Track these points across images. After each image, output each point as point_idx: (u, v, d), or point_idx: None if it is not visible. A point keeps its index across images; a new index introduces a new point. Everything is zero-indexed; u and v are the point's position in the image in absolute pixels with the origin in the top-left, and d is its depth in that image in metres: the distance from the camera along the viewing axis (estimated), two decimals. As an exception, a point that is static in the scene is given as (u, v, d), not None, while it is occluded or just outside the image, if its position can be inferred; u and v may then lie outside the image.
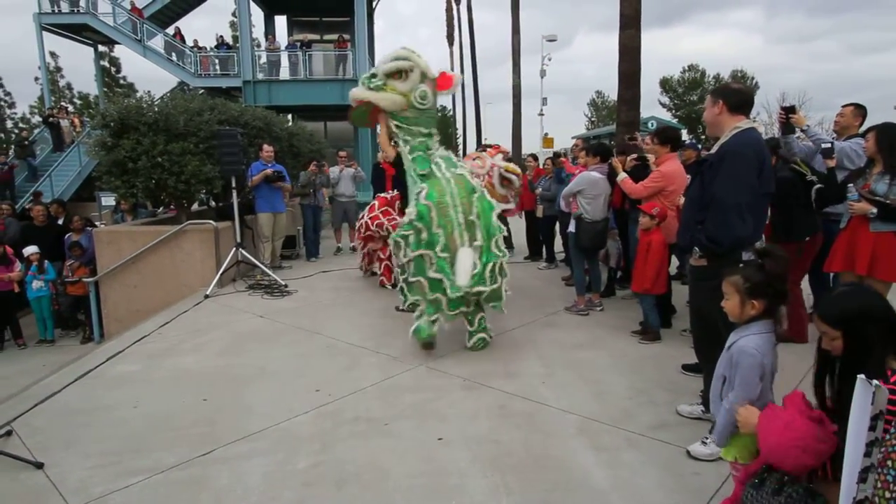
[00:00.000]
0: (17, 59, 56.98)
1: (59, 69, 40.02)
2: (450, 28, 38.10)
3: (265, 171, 7.77)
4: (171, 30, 19.51)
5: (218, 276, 6.83)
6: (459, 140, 37.56)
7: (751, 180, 2.85)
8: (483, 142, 25.02)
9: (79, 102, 40.72)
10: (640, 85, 9.87)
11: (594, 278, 5.69)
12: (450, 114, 47.09)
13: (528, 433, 3.17)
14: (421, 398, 3.65)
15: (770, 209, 4.05)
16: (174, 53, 18.76)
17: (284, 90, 18.76)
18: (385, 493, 2.65)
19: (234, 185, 7.19)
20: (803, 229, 4.37)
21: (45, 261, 7.53)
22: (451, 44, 38.42)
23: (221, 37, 20.48)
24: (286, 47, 19.58)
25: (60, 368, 4.59)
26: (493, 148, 6.17)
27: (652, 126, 19.36)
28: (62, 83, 40.87)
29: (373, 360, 4.37)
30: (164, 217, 9.11)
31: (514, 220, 8.92)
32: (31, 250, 7.45)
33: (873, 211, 3.56)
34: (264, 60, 19.13)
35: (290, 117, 17.55)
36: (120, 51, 28.49)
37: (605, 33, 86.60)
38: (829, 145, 4.14)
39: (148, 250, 7.03)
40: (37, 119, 35.60)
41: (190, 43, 19.35)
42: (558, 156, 7.62)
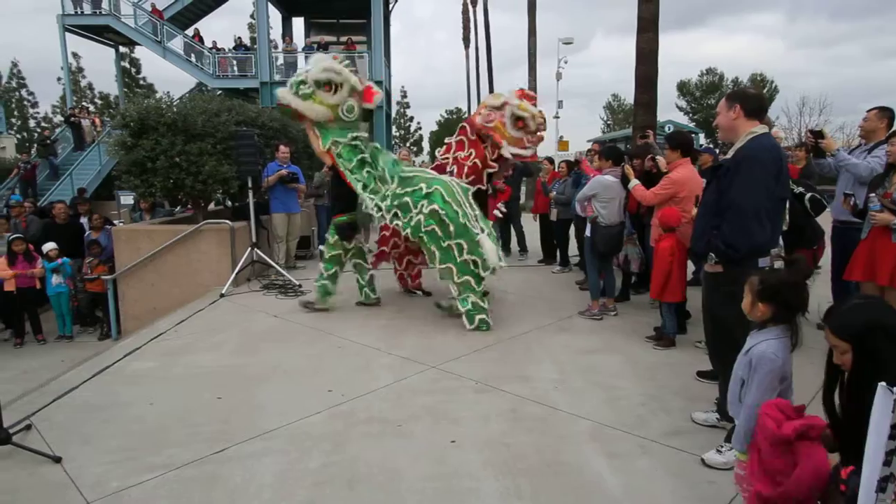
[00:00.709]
0: (40, 60, 58.26)
1: (80, 69, 40.77)
2: (466, 30, 38.12)
3: (280, 172, 7.83)
4: (190, 31, 19.79)
5: (233, 275, 6.89)
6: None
7: (768, 185, 2.82)
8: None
9: (99, 102, 41.42)
10: (657, 88, 9.79)
11: (609, 283, 5.65)
12: (465, 116, 47.14)
13: (540, 437, 3.16)
14: (433, 400, 3.65)
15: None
16: (193, 55, 19.02)
17: (301, 91, 18.86)
18: (397, 494, 2.66)
19: (250, 185, 7.26)
20: (812, 238, 4.34)
21: (63, 257, 7.66)
22: (466, 46, 38.46)
23: (239, 38, 20.74)
24: (303, 49, 19.77)
25: (79, 364, 4.67)
26: (518, 91, 5.75)
27: (669, 130, 19.22)
28: (84, 83, 41.63)
29: (385, 361, 4.38)
30: (182, 216, 9.23)
31: (528, 223, 8.92)
32: (49, 246, 7.58)
33: (895, 222, 3.51)
34: (281, 62, 19.31)
35: (307, 118, 17.67)
36: (140, 52, 28.96)
37: (623, 36, 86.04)
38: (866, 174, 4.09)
39: (165, 249, 7.12)
40: (59, 118, 36.26)
41: (208, 44, 19.61)
42: (577, 162, 7.61)
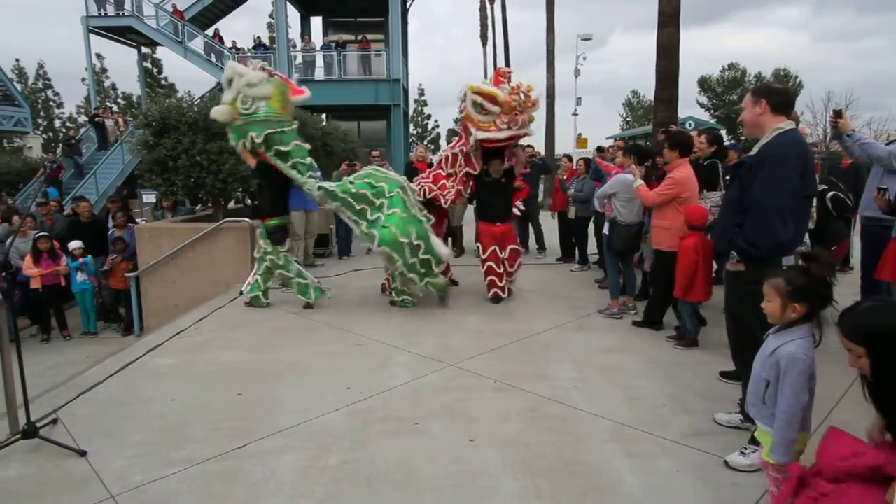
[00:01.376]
0: (65, 61, 59.47)
1: (104, 70, 41.47)
2: (483, 27, 37.97)
3: None
4: (210, 31, 20.04)
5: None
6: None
7: (793, 183, 2.76)
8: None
9: (122, 102, 42.10)
10: (678, 84, 9.67)
11: (628, 281, 5.59)
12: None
13: (559, 437, 3.13)
14: (451, 398, 3.64)
15: None
16: (213, 54, 19.24)
17: (319, 90, 18.99)
18: (415, 492, 2.66)
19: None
20: (833, 236, 4.25)
21: (88, 255, 7.80)
22: (484, 44, 38.27)
23: (259, 38, 20.94)
24: (321, 48, 19.87)
25: (103, 360, 4.75)
26: (495, 73, 5.61)
27: (690, 126, 18.95)
28: (107, 84, 42.34)
29: (403, 359, 4.39)
30: (202, 214, 9.34)
31: (546, 220, 8.87)
32: (75, 245, 7.72)
33: None
34: (300, 61, 19.46)
35: (324, 117, 17.78)
36: (162, 52, 29.35)
37: (642, 32, 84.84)
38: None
39: (186, 247, 7.21)
40: (83, 118, 36.96)
41: (228, 44, 19.82)
42: (602, 150, 7.53)
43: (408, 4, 22.42)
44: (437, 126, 50.70)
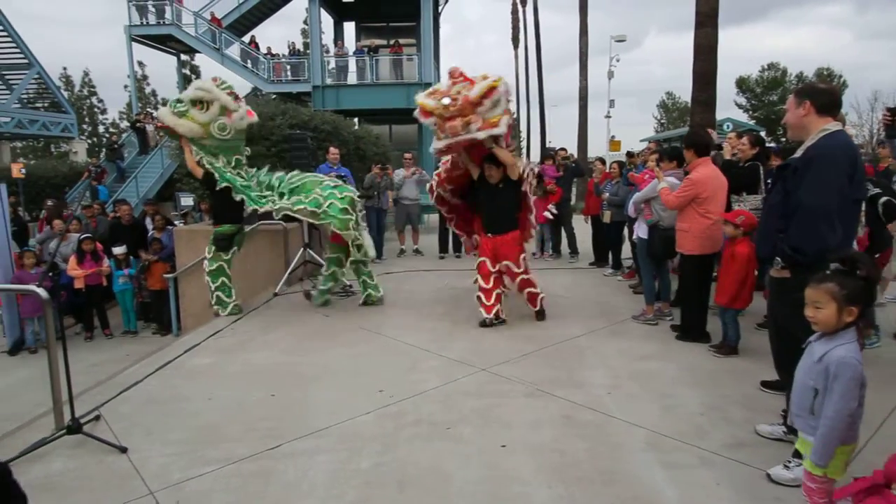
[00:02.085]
0: (109, 68, 61.63)
1: (145, 77, 42.81)
2: (515, 30, 37.96)
3: (329, 176, 7.97)
4: (246, 38, 20.48)
5: (286, 275, 7.05)
6: (523, 143, 37.23)
7: (841, 186, 2.65)
8: (548, 144, 24.73)
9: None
10: (716, 85, 9.44)
11: (664, 286, 5.47)
12: (514, 117, 46.77)
13: (593, 445, 3.07)
14: (483, 403, 3.62)
15: None
16: (249, 60, 19.67)
17: (352, 94, 19.26)
18: (447, 497, 2.64)
19: (303, 186, 7.42)
20: (881, 243, 4.05)
21: (130, 257, 8.04)
22: (515, 46, 38.28)
23: (293, 43, 21.30)
24: (354, 53, 20.11)
25: (143, 359, 4.87)
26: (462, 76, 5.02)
27: (728, 128, 18.50)
28: (148, 90, 43.70)
29: (434, 363, 4.38)
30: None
31: (580, 224, 8.76)
32: (119, 250, 7.96)
33: None
34: (333, 66, 19.71)
35: (357, 121, 18.00)
36: (200, 59, 30.11)
37: (679, 32, 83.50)
38: None
39: (222, 249, 7.33)
40: (125, 124, 38.22)
41: (263, 50, 20.23)
42: (631, 155, 7.41)
43: (440, 9, 22.52)
44: (468, 129, 50.57)
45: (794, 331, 2.63)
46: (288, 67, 20.09)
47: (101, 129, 45.36)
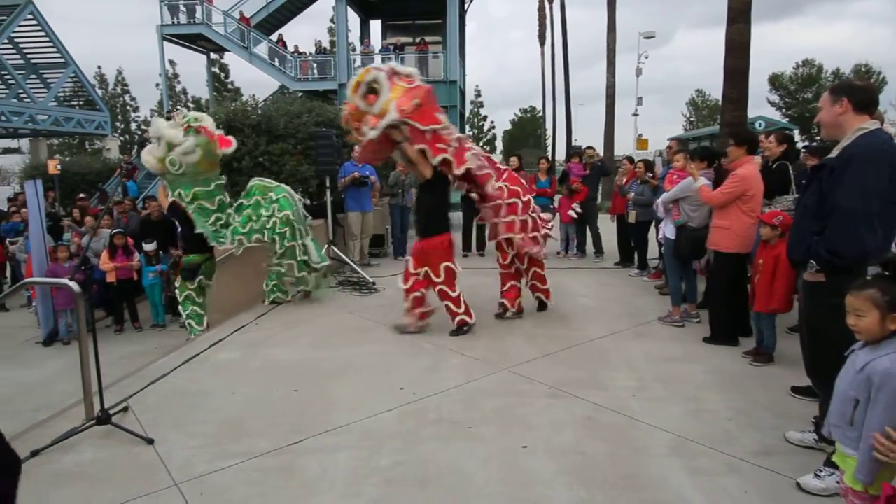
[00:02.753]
0: (141, 67, 63.32)
1: (176, 76, 43.61)
2: (541, 27, 37.67)
3: (352, 175, 8.03)
4: (274, 37, 20.71)
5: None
6: (549, 142, 36.95)
7: (881, 186, 2.56)
8: (573, 142, 24.48)
9: (192, 106, 44.14)
10: (748, 83, 9.20)
11: (690, 288, 5.36)
12: (539, 115, 46.51)
13: (616, 448, 3.03)
14: (505, 403, 3.59)
15: None
16: (277, 59, 19.90)
17: (377, 92, 19.28)
18: (467, 497, 2.63)
19: (328, 184, 7.48)
20: None
21: (160, 252, 8.20)
22: (542, 43, 37.99)
23: (319, 42, 21.49)
24: (380, 51, 20.19)
25: (170, 352, 4.97)
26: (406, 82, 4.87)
27: (760, 126, 18.07)
28: (178, 88, 44.52)
29: (456, 362, 4.36)
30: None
31: (605, 223, 8.65)
32: (150, 247, 8.13)
33: None
34: (359, 64, 19.80)
35: (382, 119, 18.00)
36: (229, 57, 30.59)
37: (710, 28, 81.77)
38: None
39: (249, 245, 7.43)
40: (156, 122, 38.89)
41: (291, 48, 20.45)
42: (651, 165, 7.31)
43: (466, 6, 22.46)
44: (493, 127, 50.48)
45: (829, 337, 2.55)
46: (314, 65, 20.28)
47: (133, 126, 46.40)
